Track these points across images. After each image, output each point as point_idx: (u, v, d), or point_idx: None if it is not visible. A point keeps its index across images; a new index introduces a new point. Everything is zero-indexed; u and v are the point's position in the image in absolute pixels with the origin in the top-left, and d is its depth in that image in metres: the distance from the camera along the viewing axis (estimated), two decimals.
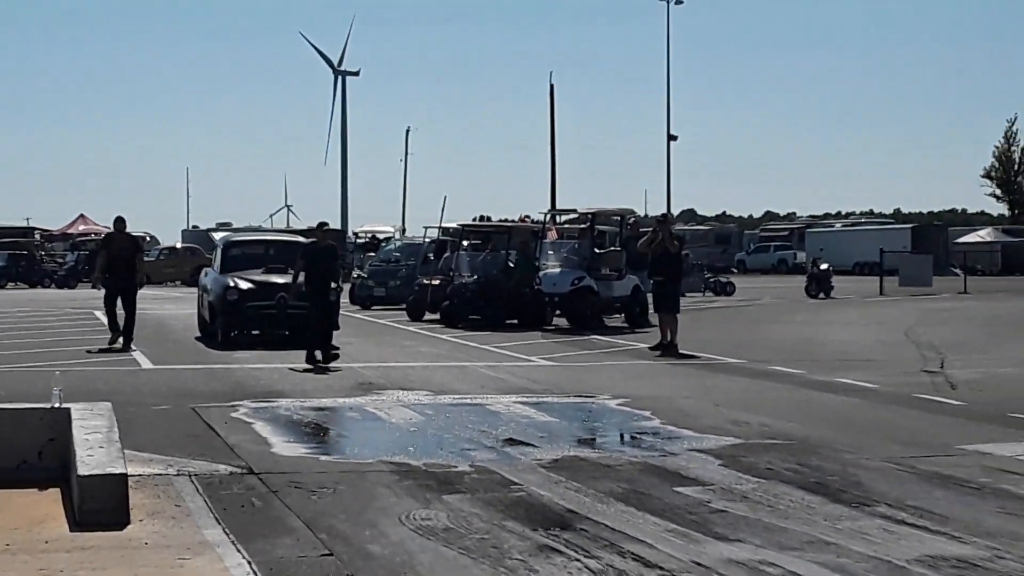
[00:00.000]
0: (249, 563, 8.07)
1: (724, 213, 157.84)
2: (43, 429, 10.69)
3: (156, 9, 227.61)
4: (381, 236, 59.93)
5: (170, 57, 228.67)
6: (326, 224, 23.41)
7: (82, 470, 9.24)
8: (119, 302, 24.12)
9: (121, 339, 23.76)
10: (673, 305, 24.16)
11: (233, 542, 8.62)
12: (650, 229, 26.53)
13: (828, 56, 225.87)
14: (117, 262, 24.22)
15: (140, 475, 10.65)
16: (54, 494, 9.96)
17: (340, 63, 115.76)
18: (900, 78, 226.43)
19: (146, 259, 64.37)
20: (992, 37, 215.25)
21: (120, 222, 24.93)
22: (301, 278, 21.80)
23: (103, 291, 24.34)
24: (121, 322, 24.16)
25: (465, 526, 9.29)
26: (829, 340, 27.15)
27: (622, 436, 14.39)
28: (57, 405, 10.88)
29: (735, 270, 78.41)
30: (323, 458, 12.26)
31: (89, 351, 22.99)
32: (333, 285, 22.17)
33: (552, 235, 34.97)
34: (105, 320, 24.30)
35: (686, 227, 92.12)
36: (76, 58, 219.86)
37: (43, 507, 9.60)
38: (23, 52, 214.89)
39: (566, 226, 40.33)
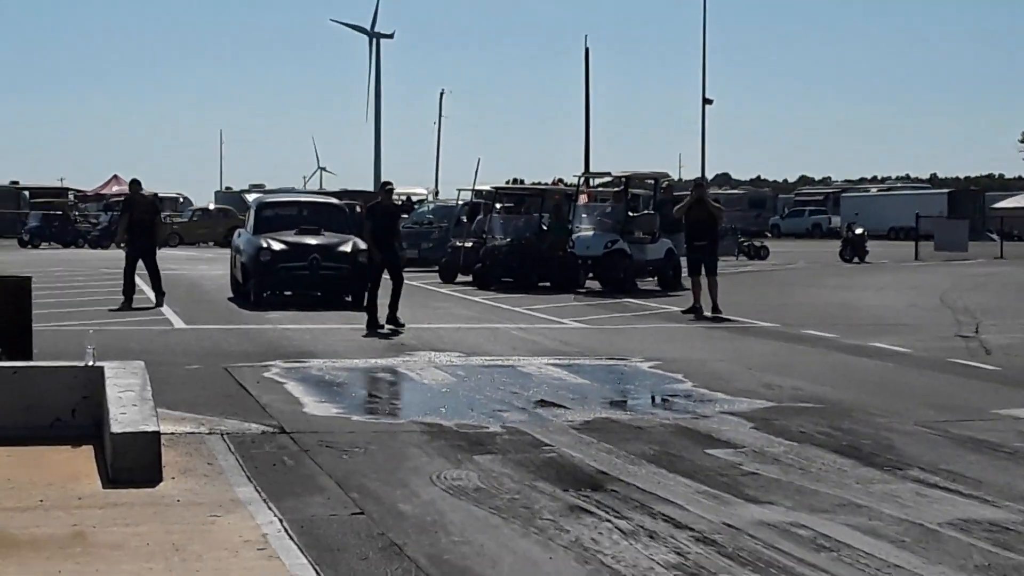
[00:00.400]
0: (280, 521, 8.08)
1: (759, 177, 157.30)
2: (77, 387, 10.74)
3: None
4: (414, 198, 59.94)
5: (204, 19, 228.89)
6: (389, 184, 22.80)
7: (115, 428, 9.28)
8: (140, 264, 24.45)
9: (155, 297, 24.31)
10: (713, 267, 24.07)
11: (264, 500, 8.64)
12: (686, 193, 26.50)
13: (865, 20, 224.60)
14: (137, 225, 24.70)
15: (172, 433, 10.69)
16: (87, 451, 10.02)
17: (373, 25, 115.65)
18: (938, 42, 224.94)
19: (180, 220, 65.33)
20: None
21: (136, 184, 25.52)
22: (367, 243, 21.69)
23: (125, 253, 24.72)
24: (145, 283, 24.67)
25: (496, 486, 9.30)
26: (863, 304, 27.05)
27: (654, 398, 14.37)
28: (91, 363, 10.92)
29: (769, 234, 78.10)
30: (355, 418, 12.28)
31: (112, 310, 23.23)
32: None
33: (583, 198, 34.91)
34: (122, 282, 24.50)
35: (720, 191, 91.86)
36: (111, 21, 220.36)
37: (76, 464, 9.66)
38: (58, 15, 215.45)
39: (600, 189, 40.25)
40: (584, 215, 32.21)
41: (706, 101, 71.84)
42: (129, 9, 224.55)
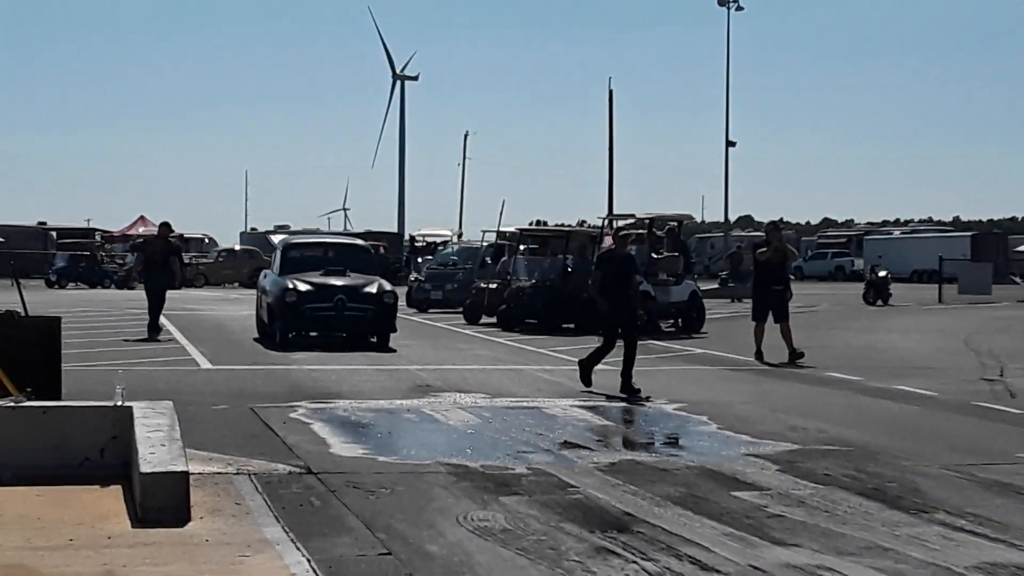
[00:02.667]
0: (308, 561, 8.13)
1: (782, 219, 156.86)
2: (106, 427, 10.79)
3: (215, 13, 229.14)
4: (438, 240, 60.10)
5: (230, 59, 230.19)
6: (623, 230, 19.82)
7: (144, 468, 9.34)
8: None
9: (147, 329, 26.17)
10: (786, 313, 23.87)
11: (292, 540, 8.68)
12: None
13: (888, 63, 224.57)
14: (151, 264, 27.07)
15: (200, 473, 10.75)
16: (116, 491, 10.07)
17: (394, 69, 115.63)
18: (960, 84, 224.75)
19: (205, 261, 65.56)
20: None
21: (163, 227, 27.85)
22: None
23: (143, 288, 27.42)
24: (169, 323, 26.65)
25: (523, 527, 9.33)
26: (887, 347, 27.01)
27: (679, 440, 14.39)
28: (120, 403, 10.99)
29: (792, 276, 77.83)
30: (381, 459, 12.32)
31: (126, 340, 24.87)
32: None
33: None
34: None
35: (743, 233, 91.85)
36: (136, 61, 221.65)
37: (105, 504, 9.72)
38: (83, 56, 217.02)
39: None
40: None
41: (729, 144, 72.00)
42: (155, 52, 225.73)
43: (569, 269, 31.74)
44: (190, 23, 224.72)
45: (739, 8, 73.27)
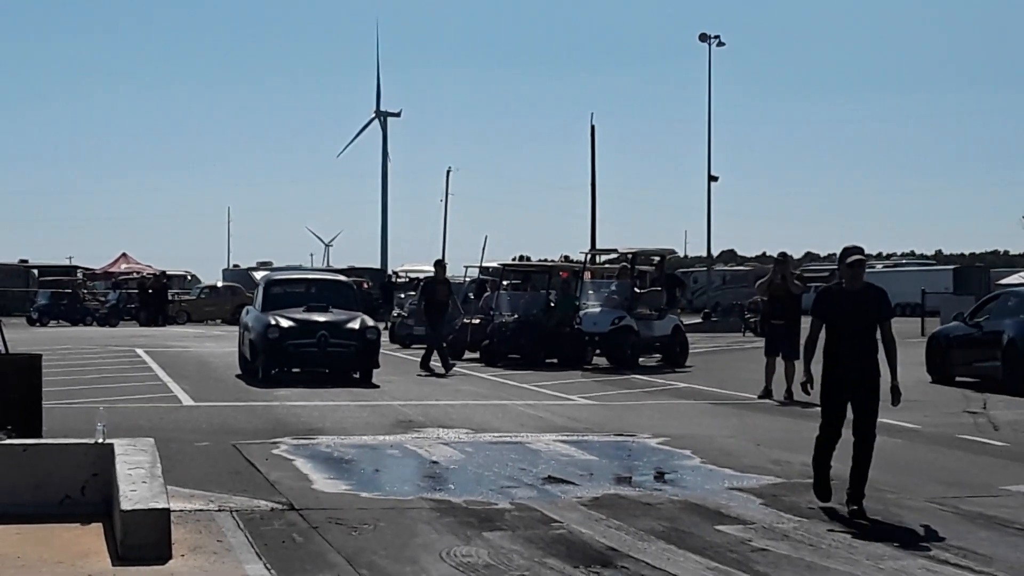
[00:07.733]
0: None
1: (764, 254, 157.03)
2: (87, 464, 10.75)
3: (197, 50, 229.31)
4: (421, 276, 60.06)
5: (212, 97, 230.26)
6: (856, 251, 12.75)
7: (125, 505, 9.29)
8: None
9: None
10: (793, 350, 21.92)
11: None
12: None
13: (869, 98, 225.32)
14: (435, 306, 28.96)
15: (182, 510, 10.70)
16: (97, 529, 10.02)
17: (378, 104, 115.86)
18: (942, 119, 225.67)
19: (188, 297, 65.43)
20: None
21: (436, 267, 29.91)
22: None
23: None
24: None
25: (506, 563, 9.29)
26: None
27: (662, 475, 14.35)
28: (101, 440, 10.94)
29: None
30: (364, 494, 12.27)
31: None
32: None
33: (589, 275, 35.02)
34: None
35: (726, 268, 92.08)
36: (117, 99, 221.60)
37: (86, 542, 9.66)
38: (64, 94, 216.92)
39: (606, 266, 40.37)
40: (591, 291, 32.29)
41: (711, 178, 72.19)
42: (137, 89, 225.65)
43: (551, 304, 31.77)
44: (172, 62, 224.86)
45: (720, 44, 73.46)
